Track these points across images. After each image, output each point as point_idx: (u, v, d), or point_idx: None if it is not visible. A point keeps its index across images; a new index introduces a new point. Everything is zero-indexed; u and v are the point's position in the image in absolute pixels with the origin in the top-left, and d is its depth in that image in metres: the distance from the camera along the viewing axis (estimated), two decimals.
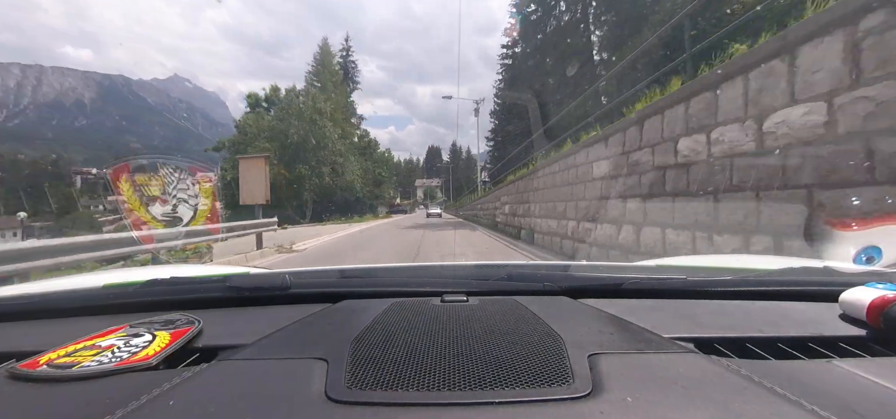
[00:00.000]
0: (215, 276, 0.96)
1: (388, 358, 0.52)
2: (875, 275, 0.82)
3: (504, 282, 0.93)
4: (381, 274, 1.21)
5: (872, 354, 0.57)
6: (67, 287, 0.95)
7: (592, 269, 1.18)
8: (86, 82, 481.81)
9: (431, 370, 0.49)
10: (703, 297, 0.85)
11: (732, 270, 1.10)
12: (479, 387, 0.45)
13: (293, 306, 0.83)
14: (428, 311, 0.72)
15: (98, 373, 0.50)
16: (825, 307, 0.74)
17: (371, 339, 0.58)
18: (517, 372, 0.48)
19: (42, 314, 0.82)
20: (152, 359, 0.53)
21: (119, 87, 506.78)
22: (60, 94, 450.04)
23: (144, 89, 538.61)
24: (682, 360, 0.51)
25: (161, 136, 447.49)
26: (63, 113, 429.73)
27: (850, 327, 0.65)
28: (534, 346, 0.55)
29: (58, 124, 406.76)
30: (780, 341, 0.62)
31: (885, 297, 0.61)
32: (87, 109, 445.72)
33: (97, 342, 0.59)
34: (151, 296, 0.85)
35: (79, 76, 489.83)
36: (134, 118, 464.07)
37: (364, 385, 0.45)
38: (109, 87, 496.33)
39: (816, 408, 0.40)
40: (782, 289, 0.85)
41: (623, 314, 0.71)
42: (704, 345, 0.59)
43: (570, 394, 0.43)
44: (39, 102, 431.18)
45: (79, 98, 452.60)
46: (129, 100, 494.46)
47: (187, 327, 0.64)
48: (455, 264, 1.44)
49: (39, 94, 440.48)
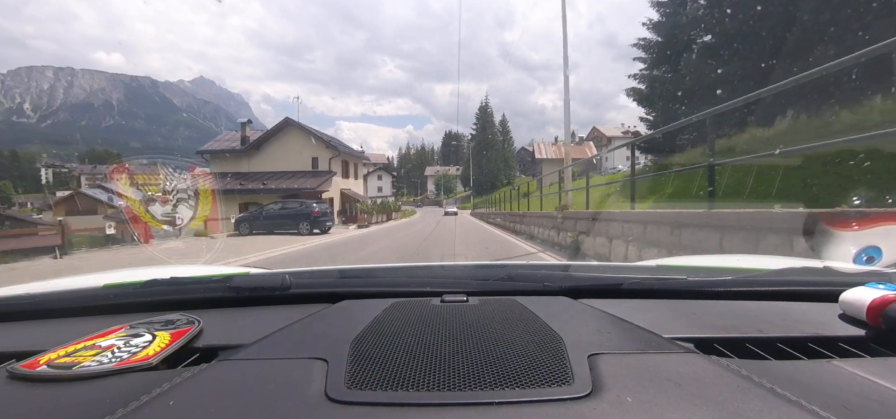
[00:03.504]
0: (215, 276, 0.95)
1: (388, 358, 0.51)
2: (875, 275, 0.80)
3: (504, 283, 0.92)
4: (380, 274, 1.20)
5: (872, 354, 0.56)
6: (67, 287, 0.94)
7: (592, 269, 1.16)
8: (114, 84, 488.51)
9: (431, 370, 0.48)
10: (703, 297, 0.83)
11: (732, 270, 1.08)
12: (479, 387, 0.44)
13: (293, 306, 0.82)
14: (428, 311, 0.71)
15: (98, 373, 0.49)
16: (825, 307, 0.72)
17: (371, 339, 0.57)
18: (517, 372, 0.47)
19: (42, 314, 0.82)
20: (152, 360, 0.52)
21: (146, 89, 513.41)
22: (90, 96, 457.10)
23: (170, 91, 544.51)
24: (682, 360, 0.50)
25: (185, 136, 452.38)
26: (92, 113, 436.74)
27: (850, 327, 0.64)
28: (534, 347, 0.54)
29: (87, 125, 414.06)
30: (780, 341, 0.61)
31: (885, 297, 0.60)
32: (115, 110, 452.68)
33: (97, 342, 0.58)
34: (151, 296, 0.85)
35: (108, 78, 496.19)
36: (159, 119, 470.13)
37: (364, 385, 0.45)
38: (137, 88, 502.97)
39: (816, 408, 0.39)
40: (782, 289, 0.83)
41: (623, 314, 0.70)
42: (704, 345, 0.58)
43: (570, 395, 0.42)
44: (70, 104, 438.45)
45: (107, 99, 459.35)
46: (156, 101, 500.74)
47: (187, 327, 0.63)
48: (455, 264, 1.43)
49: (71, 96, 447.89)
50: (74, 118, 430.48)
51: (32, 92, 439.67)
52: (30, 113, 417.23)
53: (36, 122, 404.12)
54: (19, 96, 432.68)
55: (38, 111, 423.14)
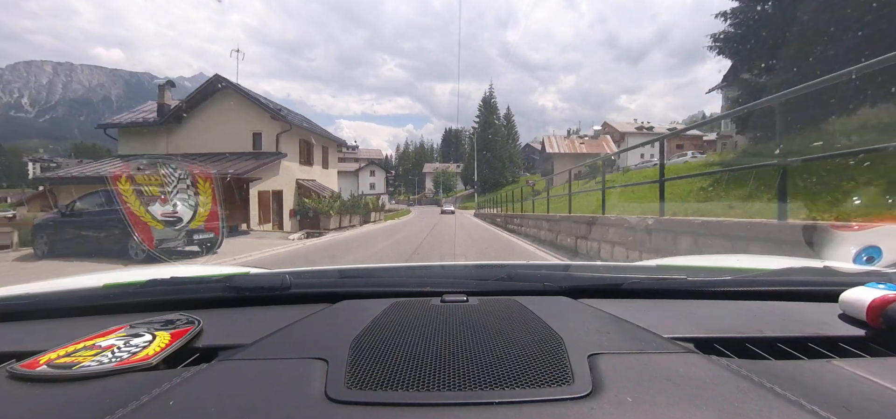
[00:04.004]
0: (215, 276, 0.94)
1: (388, 358, 0.51)
2: (875, 275, 0.80)
3: (504, 283, 0.91)
4: (380, 274, 1.19)
5: (872, 354, 0.56)
6: (67, 287, 0.94)
7: (592, 269, 1.15)
8: (113, 80, 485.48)
9: (431, 370, 0.48)
10: (703, 297, 0.83)
11: (732, 270, 1.08)
12: (479, 387, 0.44)
13: (293, 306, 0.81)
14: (428, 311, 0.71)
15: (98, 373, 0.49)
16: (825, 307, 0.72)
17: (371, 339, 0.57)
18: (517, 372, 0.47)
19: (42, 314, 0.81)
20: (152, 359, 0.52)
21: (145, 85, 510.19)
22: (89, 91, 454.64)
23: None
24: (682, 360, 0.50)
25: None
26: (90, 109, 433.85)
27: (850, 327, 0.64)
28: (534, 347, 0.54)
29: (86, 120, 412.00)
30: (780, 341, 0.60)
31: (886, 297, 0.60)
32: (114, 106, 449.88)
33: (97, 342, 0.57)
34: (151, 296, 0.84)
35: (107, 74, 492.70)
36: None
37: (364, 385, 0.44)
38: (136, 84, 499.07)
39: (816, 408, 0.39)
40: (782, 289, 0.83)
41: (623, 314, 0.69)
42: (704, 345, 0.57)
43: (570, 395, 0.42)
44: (69, 99, 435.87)
45: (106, 95, 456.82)
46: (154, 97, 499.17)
47: (187, 327, 0.63)
48: (455, 264, 1.42)
49: (69, 91, 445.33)
50: (73, 113, 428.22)
51: (31, 86, 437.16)
52: (28, 108, 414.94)
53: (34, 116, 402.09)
54: (18, 91, 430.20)
55: (37, 106, 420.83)
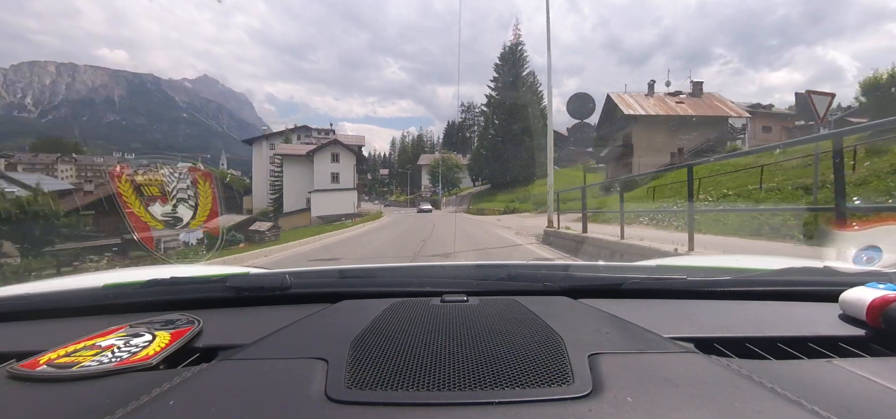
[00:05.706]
0: (215, 276, 0.94)
1: (388, 358, 0.51)
2: (875, 275, 0.80)
3: (504, 283, 0.91)
4: (380, 274, 1.19)
5: (872, 354, 0.56)
6: (67, 287, 0.94)
7: (592, 269, 1.15)
8: (116, 80, 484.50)
9: (431, 370, 0.48)
10: (703, 297, 0.83)
11: (732, 270, 1.07)
12: (479, 387, 0.44)
13: (293, 306, 0.81)
14: (428, 311, 0.71)
15: (98, 373, 0.49)
16: (825, 307, 0.72)
17: (371, 339, 0.57)
18: (517, 372, 0.46)
19: (42, 314, 0.81)
20: (152, 359, 0.52)
21: (148, 86, 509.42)
22: (92, 92, 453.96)
23: (173, 89, 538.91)
24: (682, 360, 0.50)
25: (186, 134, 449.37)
26: (93, 109, 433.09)
27: (850, 327, 0.64)
28: (534, 347, 0.54)
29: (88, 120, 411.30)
30: (780, 341, 0.60)
31: (886, 297, 0.60)
32: (117, 107, 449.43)
33: (97, 342, 0.57)
34: (151, 296, 0.84)
35: (110, 74, 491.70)
36: (161, 116, 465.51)
37: (364, 385, 0.44)
38: (139, 85, 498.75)
39: (816, 408, 0.39)
40: (782, 289, 0.83)
41: (623, 314, 0.69)
42: (704, 345, 0.57)
43: (571, 395, 0.42)
44: (72, 99, 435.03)
45: (109, 95, 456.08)
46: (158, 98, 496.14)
47: (187, 327, 0.63)
48: (455, 264, 1.42)
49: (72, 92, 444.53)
50: (76, 114, 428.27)
51: (34, 87, 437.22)
52: (31, 108, 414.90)
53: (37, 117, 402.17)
54: (21, 91, 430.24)
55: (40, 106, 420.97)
